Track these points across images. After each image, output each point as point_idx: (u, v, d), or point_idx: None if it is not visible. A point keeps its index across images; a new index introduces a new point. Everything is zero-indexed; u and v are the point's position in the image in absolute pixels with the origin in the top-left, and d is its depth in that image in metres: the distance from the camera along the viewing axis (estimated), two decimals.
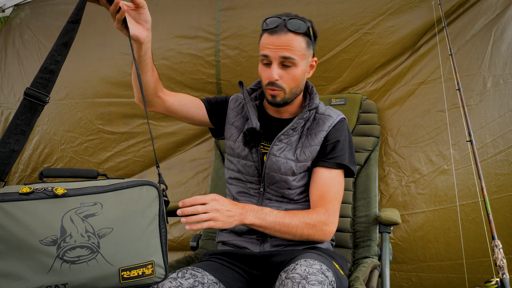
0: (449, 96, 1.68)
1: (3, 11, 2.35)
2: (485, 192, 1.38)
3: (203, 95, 1.96)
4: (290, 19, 1.14)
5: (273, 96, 1.19)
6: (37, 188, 0.85)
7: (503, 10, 1.67)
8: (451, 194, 1.64)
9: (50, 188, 0.85)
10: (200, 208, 0.97)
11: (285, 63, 1.15)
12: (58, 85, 2.12)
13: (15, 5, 2.26)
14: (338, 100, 1.72)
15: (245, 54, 1.86)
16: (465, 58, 1.70)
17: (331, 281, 0.96)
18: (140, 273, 0.92)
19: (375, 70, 1.82)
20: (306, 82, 1.31)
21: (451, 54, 1.59)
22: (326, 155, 1.21)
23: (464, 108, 1.49)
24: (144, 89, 1.13)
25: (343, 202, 1.53)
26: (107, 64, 2.04)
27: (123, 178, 0.96)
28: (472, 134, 1.46)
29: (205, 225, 0.98)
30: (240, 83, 1.31)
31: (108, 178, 0.96)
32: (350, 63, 1.81)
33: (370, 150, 1.61)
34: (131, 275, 0.91)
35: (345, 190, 1.54)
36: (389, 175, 1.73)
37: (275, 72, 1.15)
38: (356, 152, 1.60)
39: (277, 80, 1.16)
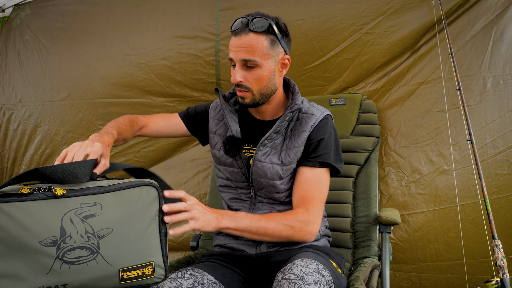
0: (449, 96, 1.68)
1: (3, 11, 2.35)
2: (485, 192, 1.37)
3: (203, 95, 1.97)
4: (253, 18, 1.12)
5: (242, 98, 1.19)
6: (36, 189, 0.85)
7: (503, 11, 1.67)
8: (451, 194, 1.64)
9: (49, 189, 0.85)
10: (183, 205, 0.96)
11: (248, 64, 1.13)
12: (59, 85, 2.13)
13: (15, 5, 2.27)
14: (338, 100, 1.71)
15: None
16: (465, 58, 1.70)
17: (328, 281, 0.96)
18: (140, 274, 0.92)
19: (375, 70, 1.82)
20: (288, 80, 1.28)
21: (451, 54, 1.58)
22: (310, 154, 1.19)
23: (464, 108, 1.49)
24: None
25: (343, 202, 1.54)
26: (107, 64, 2.04)
27: (123, 178, 0.96)
28: (472, 133, 1.46)
29: (187, 227, 0.96)
30: (216, 90, 1.29)
31: (107, 178, 0.96)
32: (350, 63, 1.81)
33: (370, 150, 1.60)
34: (131, 276, 0.91)
35: (345, 190, 1.55)
36: (389, 175, 1.73)
37: (238, 74, 1.14)
38: (356, 152, 1.60)
39: (241, 81, 1.15)
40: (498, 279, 1.25)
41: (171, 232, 0.94)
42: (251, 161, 1.23)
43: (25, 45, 2.20)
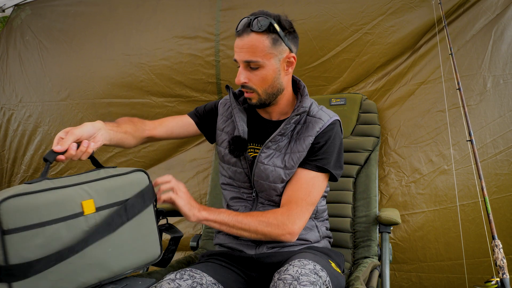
0: (449, 96, 1.68)
1: (3, 11, 2.36)
2: (485, 192, 1.38)
3: (203, 95, 1.97)
4: (254, 18, 1.10)
5: (249, 99, 1.19)
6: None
7: (503, 10, 1.66)
8: (451, 194, 1.64)
9: None
10: (167, 184, 1.05)
11: (251, 65, 1.13)
12: (59, 86, 2.13)
13: (15, 5, 2.27)
14: (338, 100, 1.72)
15: None
16: (465, 58, 1.69)
17: (325, 281, 0.96)
18: None
19: (375, 70, 1.82)
20: (298, 81, 1.27)
21: (451, 54, 1.58)
22: (309, 157, 1.19)
23: (464, 108, 1.49)
24: (128, 143, 1.19)
25: (343, 202, 1.54)
26: (107, 64, 2.04)
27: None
28: (472, 133, 1.46)
29: (169, 196, 1.03)
30: (227, 87, 1.29)
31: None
32: (350, 63, 1.81)
33: (370, 150, 1.60)
34: None
35: (345, 190, 1.55)
36: (389, 175, 1.73)
37: (242, 75, 1.14)
38: (356, 152, 1.60)
39: (245, 82, 1.14)
40: (498, 279, 1.25)
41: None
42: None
43: (26, 46, 2.20)
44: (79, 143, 0.94)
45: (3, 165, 2.28)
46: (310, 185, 1.16)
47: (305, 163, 1.18)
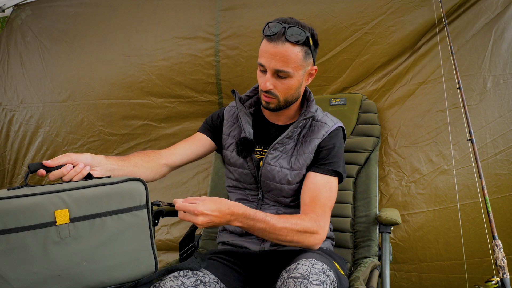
0: (449, 96, 1.68)
1: (3, 11, 2.36)
2: (485, 191, 1.37)
3: (203, 96, 1.97)
4: (290, 27, 1.10)
5: (267, 103, 1.20)
6: None
7: (503, 10, 1.66)
8: (451, 194, 1.64)
9: None
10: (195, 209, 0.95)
11: (280, 74, 1.14)
12: (60, 86, 2.14)
13: (15, 5, 2.27)
14: (338, 100, 1.72)
15: (245, 54, 1.87)
16: (465, 58, 1.69)
17: (333, 281, 0.97)
18: None
19: (375, 70, 1.82)
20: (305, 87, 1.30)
21: (451, 53, 1.58)
22: (320, 161, 1.21)
23: (464, 107, 1.49)
24: (142, 175, 1.12)
25: (343, 202, 1.54)
26: (108, 65, 2.05)
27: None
28: (472, 133, 1.46)
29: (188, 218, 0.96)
30: (233, 91, 1.31)
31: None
32: (350, 63, 1.81)
33: (370, 150, 1.61)
34: None
35: (345, 190, 1.55)
36: (389, 175, 1.73)
37: (269, 82, 1.14)
38: (356, 152, 1.60)
39: (270, 89, 1.16)
40: (498, 278, 1.25)
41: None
42: (261, 163, 1.25)
43: (26, 47, 2.21)
44: (75, 166, 0.94)
45: (5, 166, 2.29)
46: (329, 189, 1.19)
47: (317, 167, 1.20)
